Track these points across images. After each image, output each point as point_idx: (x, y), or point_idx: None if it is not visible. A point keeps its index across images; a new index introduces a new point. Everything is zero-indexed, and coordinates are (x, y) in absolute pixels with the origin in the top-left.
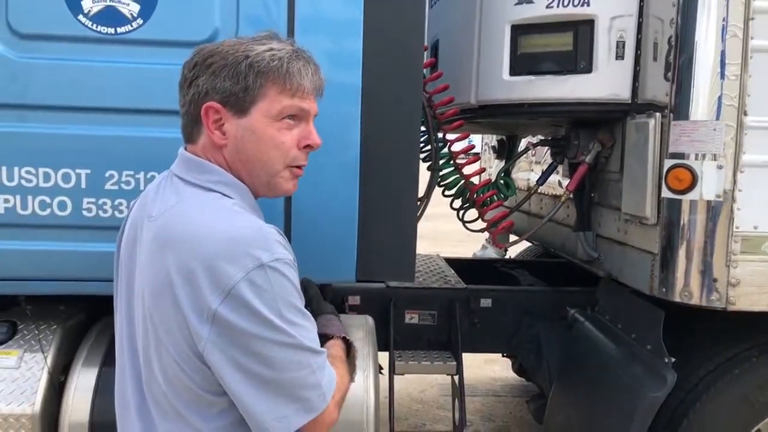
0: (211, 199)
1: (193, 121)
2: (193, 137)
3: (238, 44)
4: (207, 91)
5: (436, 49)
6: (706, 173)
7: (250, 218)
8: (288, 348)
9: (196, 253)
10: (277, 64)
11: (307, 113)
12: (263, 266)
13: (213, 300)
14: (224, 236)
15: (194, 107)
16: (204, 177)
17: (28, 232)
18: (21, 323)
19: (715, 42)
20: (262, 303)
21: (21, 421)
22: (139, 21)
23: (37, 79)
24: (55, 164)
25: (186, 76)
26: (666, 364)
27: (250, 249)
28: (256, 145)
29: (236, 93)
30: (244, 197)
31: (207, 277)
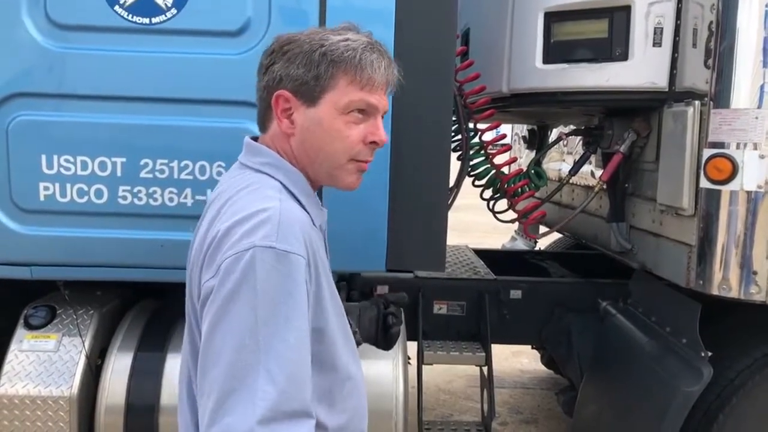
0: (255, 179)
1: (265, 108)
2: (265, 125)
3: (315, 33)
4: (281, 78)
5: (467, 37)
6: (748, 163)
7: (276, 201)
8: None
9: (214, 228)
10: (350, 54)
11: (375, 109)
12: (254, 249)
13: (206, 274)
14: (239, 213)
15: (267, 94)
16: (256, 159)
17: (66, 219)
18: (60, 308)
19: (757, 28)
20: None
21: (59, 403)
22: (173, 11)
23: (74, 69)
24: (92, 153)
25: (262, 63)
26: (702, 358)
27: (253, 229)
28: (321, 137)
29: (307, 81)
30: (294, 181)
31: (212, 254)
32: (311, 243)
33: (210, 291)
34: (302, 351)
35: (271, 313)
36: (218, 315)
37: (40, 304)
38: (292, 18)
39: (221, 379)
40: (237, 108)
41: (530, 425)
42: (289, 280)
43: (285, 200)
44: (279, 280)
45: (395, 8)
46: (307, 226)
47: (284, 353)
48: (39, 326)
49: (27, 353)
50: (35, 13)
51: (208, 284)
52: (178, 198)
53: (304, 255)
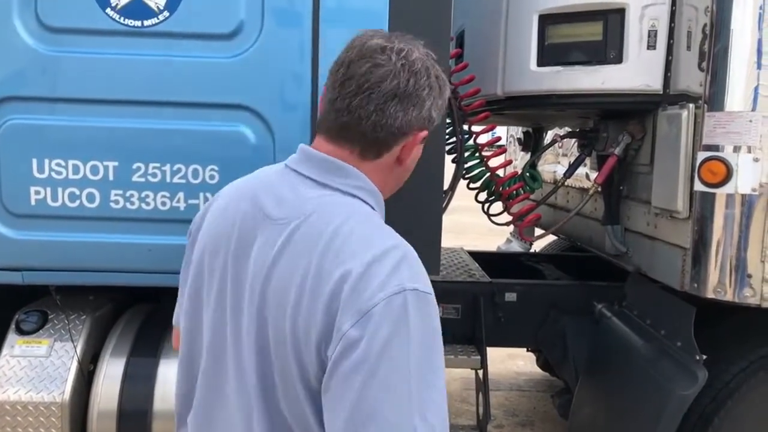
0: (353, 205)
1: (397, 138)
2: (380, 152)
3: (435, 63)
4: (431, 117)
5: (461, 40)
6: (742, 166)
7: (397, 234)
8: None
9: (332, 266)
10: (445, 90)
11: None
12: (405, 292)
13: (343, 320)
14: (370, 249)
15: (409, 126)
16: (346, 181)
17: (58, 224)
18: (51, 313)
19: (751, 30)
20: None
21: (51, 408)
22: (165, 14)
23: (66, 73)
24: (84, 156)
25: (416, 90)
26: (697, 361)
27: (396, 268)
28: (411, 167)
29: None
30: (380, 206)
31: (352, 294)
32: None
33: (355, 341)
34: (444, 393)
35: (428, 361)
36: (373, 366)
37: (32, 309)
38: (286, 20)
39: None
40: (230, 111)
41: (526, 428)
42: (434, 323)
43: (392, 229)
44: (428, 324)
45: (388, 10)
46: None
47: (438, 401)
48: (30, 331)
49: (18, 359)
50: (26, 16)
51: (352, 334)
52: (171, 202)
53: (433, 294)
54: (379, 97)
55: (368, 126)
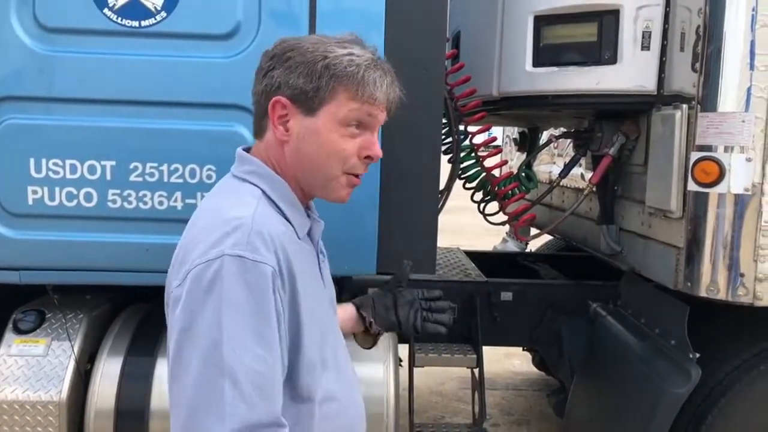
0: (235, 187)
1: (261, 114)
2: (261, 131)
3: (319, 43)
4: (279, 84)
5: (457, 40)
6: (735, 166)
7: (251, 208)
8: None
9: (186, 234)
10: (353, 69)
11: (372, 124)
12: (223, 257)
13: (174, 281)
14: (212, 219)
15: (264, 99)
16: (242, 168)
17: (55, 223)
18: (49, 312)
19: (744, 32)
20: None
21: (48, 407)
22: (162, 14)
23: (63, 72)
24: (81, 156)
25: (262, 66)
26: (690, 360)
27: (224, 236)
28: (316, 147)
29: (307, 91)
30: (276, 189)
31: (181, 258)
32: (285, 252)
33: (178, 298)
34: (271, 362)
35: (238, 325)
36: (185, 325)
37: (29, 309)
38: (283, 21)
39: (190, 393)
40: (227, 111)
41: (522, 427)
42: (257, 290)
43: (261, 207)
44: (247, 291)
45: (385, 11)
46: (281, 235)
47: (252, 365)
48: (28, 331)
49: (15, 358)
50: (23, 15)
51: (176, 292)
52: (168, 201)
53: (274, 264)
54: None
55: (253, 106)
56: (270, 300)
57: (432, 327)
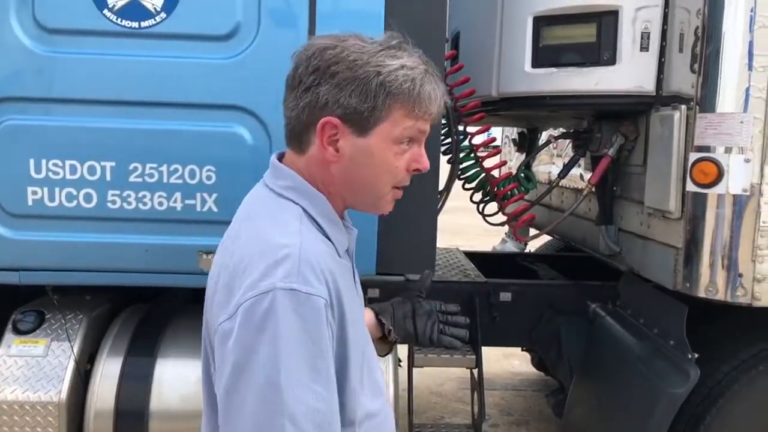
0: (274, 205)
1: (303, 130)
2: (301, 146)
3: (365, 52)
4: (327, 102)
5: (456, 41)
6: (733, 167)
7: (296, 234)
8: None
9: (231, 255)
10: (409, 86)
11: (423, 135)
12: (275, 291)
13: (221, 313)
14: (258, 245)
15: (308, 116)
16: (278, 182)
17: (54, 224)
18: (48, 313)
19: (742, 33)
20: (247, 337)
21: (48, 408)
22: (162, 15)
23: (63, 73)
24: (81, 157)
25: (302, 79)
26: (689, 360)
27: (273, 266)
28: (369, 169)
29: (361, 112)
30: (317, 207)
31: (227, 288)
32: (334, 280)
33: (227, 334)
34: (328, 399)
35: (294, 362)
36: (239, 362)
37: (29, 309)
38: (282, 22)
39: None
40: (227, 112)
41: (521, 427)
42: (311, 324)
43: (306, 232)
44: (301, 326)
45: (384, 12)
46: (329, 260)
47: (310, 403)
48: (27, 331)
49: (15, 358)
50: (23, 16)
51: (225, 326)
52: (168, 202)
53: (326, 296)
54: (285, 91)
55: (284, 122)
56: (324, 333)
57: (448, 341)
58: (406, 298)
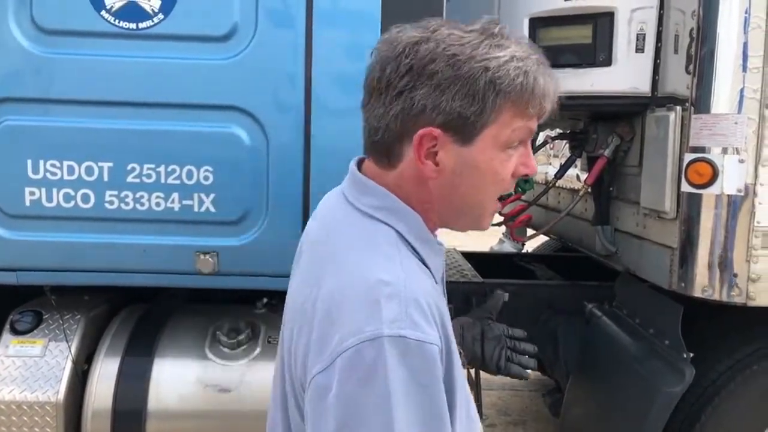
0: (365, 230)
1: (395, 140)
2: (391, 160)
3: (466, 45)
4: (424, 108)
5: None
6: (728, 167)
7: (397, 266)
8: None
9: (317, 287)
10: (522, 81)
11: (532, 135)
12: (381, 339)
13: (314, 361)
14: (352, 280)
15: (401, 125)
16: (366, 200)
17: (52, 224)
18: (46, 313)
19: (737, 34)
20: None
21: (45, 408)
22: (160, 16)
23: (60, 74)
24: (79, 157)
25: (391, 82)
26: (684, 359)
27: (376, 308)
28: (475, 181)
29: (467, 117)
30: (413, 228)
31: (319, 331)
32: (442, 319)
33: (324, 389)
34: None
35: (405, 420)
36: (344, 422)
37: (27, 309)
38: (279, 22)
39: None
40: (224, 112)
41: (518, 427)
42: (425, 376)
43: (407, 262)
44: (412, 378)
45: (381, 12)
46: (435, 295)
47: None
48: (25, 331)
49: (13, 359)
50: (21, 18)
51: (320, 380)
52: (165, 203)
53: (438, 342)
54: (365, 95)
55: (365, 130)
56: (440, 386)
57: (516, 369)
58: (475, 319)
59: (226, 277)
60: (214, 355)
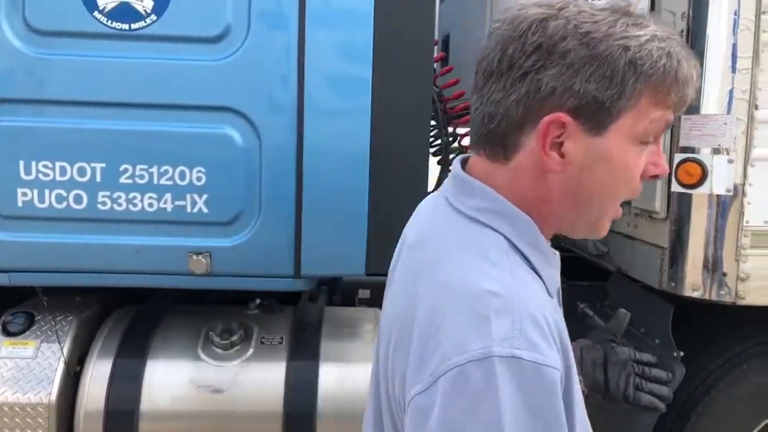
0: (470, 235)
1: (514, 128)
2: (506, 151)
3: (601, 22)
4: (553, 90)
5: (446, 43)
6: (717, 167)
7: (507, 275)
8: None
9: (416, 297)
10: (665, 63)
11: (667, 128)
12: (491, 359)
13: (413, 380)
14: (456, 290)
15: (524, 110)
16: (473, 203)
17: (45, 225)
18: (38, 314)
19: (726, 35)
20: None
21: (38, 410)
22: (152, 17)
23: (53, 75)
24: (71, 158)
25: (515, 61)
26: (675, 358)
27: (484, 323)
28: (605, 177)
29: (602, 102)
30: (525, 234)
31: (419, 347)
32: (561, 337)
33: (425, 411)
34: None
35: None
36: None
37: (18, 311)
38: (272, 23)
39: None
40: (217, 113)
41: None
42: (545, 406)
43: (517, 270)
44: (528, 406)
45: (374, 12)
46: (552, 310)
47: None
48: (17, 333)
49: (5, 360)
50: (13, 18)
51: (420, 401)
52: (158, 203)
53: (559, 366)
54: (480, 79)
55: (478, 118)
56: (558, 415)
57: (647, 399)
58: (596, 341)
59: (218, 278)
60: (207, 356)
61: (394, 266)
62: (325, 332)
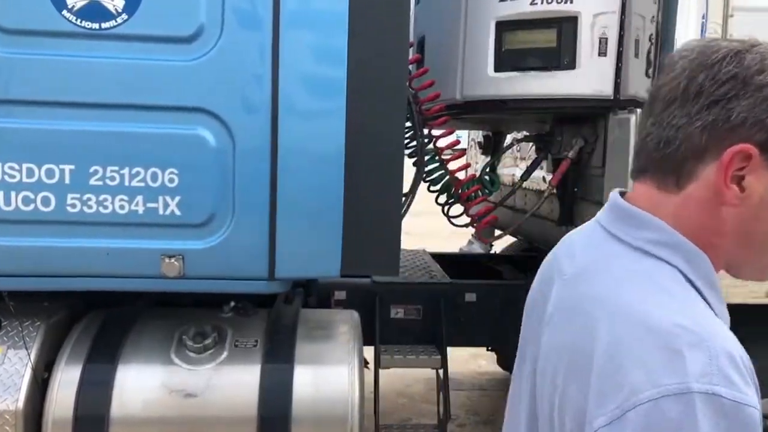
0: (643, 268)
1: (693, 156)
2: (679, 180)
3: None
4: (744, 121)
5: (422, 45)
6: None
7: (692, 307)
8: None
9: (598, 344)
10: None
11: None
12: (691, 395)
13: (596, 413)
14: (641, 322)
15: (708, 137)
16: (643, 235)
17: (11, 228)
18: (4, 320)
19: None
20: None
21: (4, 417)
22: (124, 16)
23: (22, 74)
24: (39, 160)
25: (704, 89)
26: None
27: (677, 357)
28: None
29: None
30: (700, 270)
31: (600, 380)
32: (754, 378)
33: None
34: None
35: None
36: None
37: None
38: (246, 23)
39: None
40: (189, 114)
41: (488, 426)
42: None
43: (701, 306)
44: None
45: (348, 14)
46: (741, 346)
47: None
48: None
49: None
50: None
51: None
52: (129, 205)
53: (758, 406)
54: (659, 105)
55: (651, 143)
56: None
57: None
58: None
59: (192, 281)
60: (180, 359)
61: (544, 299)
62: (300, 334)
